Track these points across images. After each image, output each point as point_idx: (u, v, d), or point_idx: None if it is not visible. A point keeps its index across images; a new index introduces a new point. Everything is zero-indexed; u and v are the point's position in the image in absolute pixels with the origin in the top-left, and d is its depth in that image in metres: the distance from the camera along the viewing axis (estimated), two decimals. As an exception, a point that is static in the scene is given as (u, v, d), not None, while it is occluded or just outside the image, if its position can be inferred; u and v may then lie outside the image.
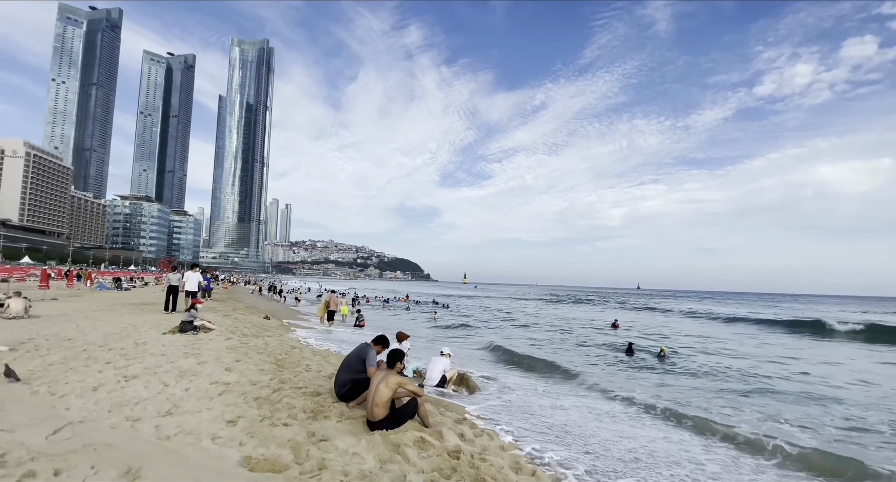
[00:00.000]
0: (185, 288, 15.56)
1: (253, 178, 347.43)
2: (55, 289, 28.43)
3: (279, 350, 9.31)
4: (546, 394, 9.20)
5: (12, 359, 6.82)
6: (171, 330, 10.45)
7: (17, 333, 9.50)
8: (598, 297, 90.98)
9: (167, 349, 8.15)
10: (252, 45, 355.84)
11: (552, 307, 52.68)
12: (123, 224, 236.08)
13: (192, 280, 15.72)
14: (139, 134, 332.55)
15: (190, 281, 15.63)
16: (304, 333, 14.97)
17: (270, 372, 6.89)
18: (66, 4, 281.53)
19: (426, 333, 20.56)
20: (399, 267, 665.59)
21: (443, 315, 32.16)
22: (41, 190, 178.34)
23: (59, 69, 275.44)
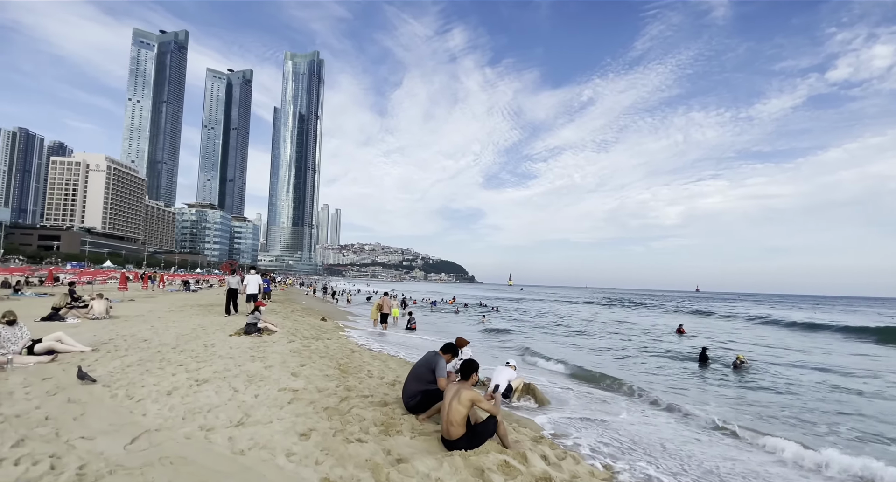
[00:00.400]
0: (245, 291, 15.70)
1: (305, 184, 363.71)
2: (132, 290, 30.75)
3: (340, 354, 9.18)
4: (618, 407, 8.42)
5: (94, 359, 7.10)
6: (236, 332, 10.69)
7: (99, 334, 10.05)
8: (655, 301, 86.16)
9: (234, 352, 8.23)
10: (304, 57, 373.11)
11: (607, 311, 50.30)
12: (190, 230, 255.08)
13: (252, 283, 15.75)
14: (203, 146, 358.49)
15: (250, 284, 15.70)
16: (358, 335, 14.99)
17: (335, 378, 6.69)
18: (140, 29, 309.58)
19: (476, 337, 20.08)
20: (443, 269, 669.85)
21: (492, 318, 31.50)
22: (120, 200, 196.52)
23: (134, 89, 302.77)
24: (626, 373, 13.08)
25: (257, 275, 16.47)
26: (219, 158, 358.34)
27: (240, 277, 16.32)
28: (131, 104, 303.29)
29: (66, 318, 12.77)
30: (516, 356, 13.65)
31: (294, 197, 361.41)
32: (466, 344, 9.33)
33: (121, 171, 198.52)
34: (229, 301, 15.73)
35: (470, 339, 9.58)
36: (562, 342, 19.67)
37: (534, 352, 15.01)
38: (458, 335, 10.60)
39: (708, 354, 15.53)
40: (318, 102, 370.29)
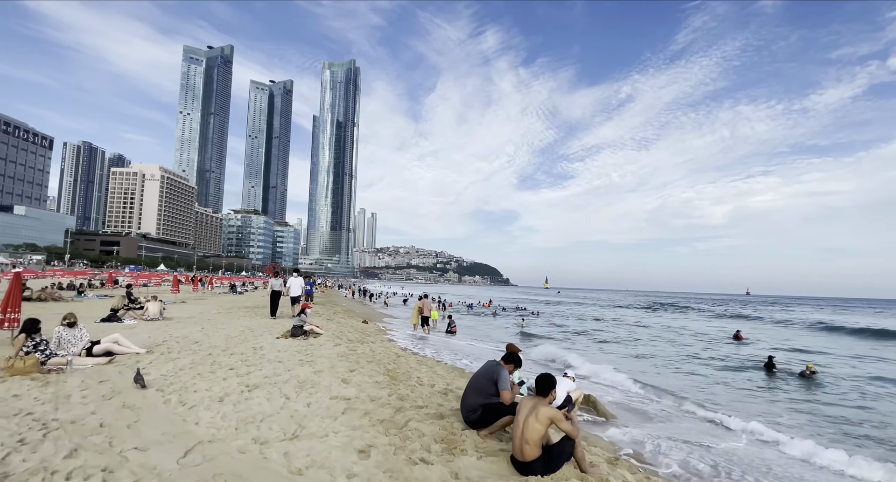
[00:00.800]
0: (288, 293, 15.44)
1: (343, 190, 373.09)
2: (184, 292, 32.11)
3: (386, 358, 8.88)
4: (689, 421, 7.61)
5: (148, 362, 7.11)
6: (283, 334, 10.64)
7: (154, 335, 10.27)
8: (703, 305, 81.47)
9: (282, 355, 8.09)
10: (340, 66, 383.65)
11: (653, 315, 47.95)
12: (236, 235, 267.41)
13: (295, 286, 15.50)
14: (248, 154, 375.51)
15: (293, 287, 15.44)
16: (400, 338, 14.73)
17: (386, 385, 6.35)
18: (189, 46, 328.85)
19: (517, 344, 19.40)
20: (478, 271, 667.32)
21: (532, 323, 30.59)
22: (173, 207, 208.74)
23: (184, 103, 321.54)
24: (687, 382, 12.08)
25: (299, 277, 16.20)
26: (262, 166, 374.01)
27: (283, 280, 16.19)
28: (182, 117, 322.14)
29: (124, 320, 13.25)
30: (562, 365, 12.93)
31: (332, 202, 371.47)
32: (519, 351, 8.79)
33: (173, 179, 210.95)
34: (274, 303, 15.73)
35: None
36: (611, 350, 18.65)
37: (582, 361, 14.21)
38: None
39: (775, 362, 14.25)
40: (354, 109, 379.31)
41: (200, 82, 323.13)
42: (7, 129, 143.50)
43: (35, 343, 6.58)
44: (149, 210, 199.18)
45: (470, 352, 13.97)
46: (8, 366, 5.96)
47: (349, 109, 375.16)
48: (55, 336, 7.40)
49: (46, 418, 4.23)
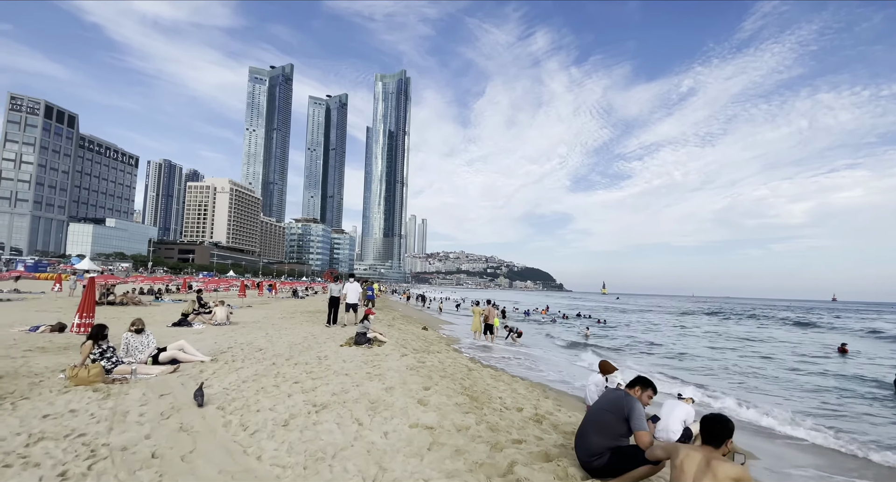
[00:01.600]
0: (345, 300, 14.54)
1: (395, 197, 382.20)
2: (250, 297, 33.36)
3: (458, 372, 7.94)
4: (841, 455, 5.90)
5: (212, 372, 6.66)
6: (346, 341, 10.05)
7: (220, 341, 10.06)
8: (786, 312, 73.16)
9: (348, 366, 7.39)
10: (392, 77, 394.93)
11: (731, 324, 43.36)
12: (297, 242, 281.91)
13: (353, 291, 14.59)
14: (307, 166, 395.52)
15: (350, 293, 14.56)
16: (466, 347, 13.79)
17: (469, 408, 5.38)
18: (254, 67, 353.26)
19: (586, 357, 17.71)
20: (529, 276, 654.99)
21: (596, 332, 28.42)
22: (241, 217, 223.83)
23: (250, 120, 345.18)
24: (805, 403, 10.04)
25: (356, 282, 15.21)
26: (320, 177, 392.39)
27: (341, 285, 15.27)
28: (248, 133, 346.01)
29: (193, 324, 13.43)
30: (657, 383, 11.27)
31: (385, 209, 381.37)
32: (615, 370, 7.48)
33: (240, 192, 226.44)
34: (331, 311, 14.67)
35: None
36: (698, 363, 16.48)
37: (671, 379, 12.44)
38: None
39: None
40: (405, 118, 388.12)
41: (264, 100, 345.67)
42: (100, 150, 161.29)
43: (102, 350, 6.32)
44: (220, 220, 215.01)
45: (541, 363, 12.71)
46: (73, 375, 5.68)
47: (400, 119, 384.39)
48: (123, 342, 7.20)
49: (97, 443, 3.67)
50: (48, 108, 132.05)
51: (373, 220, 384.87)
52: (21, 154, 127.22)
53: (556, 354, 15.83)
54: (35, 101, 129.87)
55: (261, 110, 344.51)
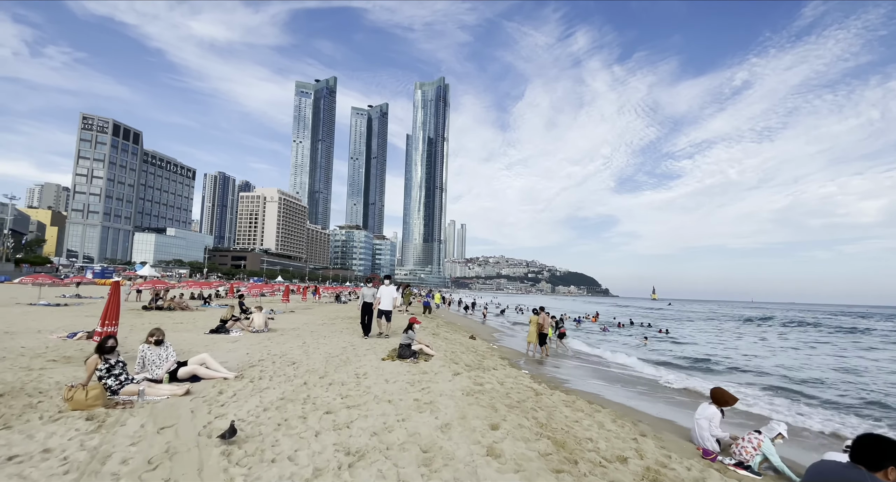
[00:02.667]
0: (378, 306, 12.23)
1: (434, 203, 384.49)
2: (294, 302, 33.33)
3: (525, 398, 6.47)
4: None
5: (232, 394, 5.58)
6: (388, 354, 8.83)
7: (253, 351, 9.16)
8: (863, 319, 64.99)
9: (391, 389, 6.12)
10: (431, 85, 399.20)
11: (813, 334, 38.59)
12: (341, 248, 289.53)
13: (387, 296, 12.20)
14: (350, 175, 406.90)
15: (384, 297, 12.16)
16: (522, 361, 12.24)
17: (559, 462, 3.91)
18: (300, 81, 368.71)
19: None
20: (572, 281, 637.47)
21: (656, 341, 25.76)
22: (288, 225, 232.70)
23: (297, 132, 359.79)
24: None
25: (391, 285, 12.67)
26: (362, 185, 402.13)
27: (375, 289, 12.91)
28: (295, 145, 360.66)
29: (231, 331, 12.79)
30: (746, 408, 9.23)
31: (424, 215, 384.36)
32: (735, 401, 5.74)
33: (288, 200, 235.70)
34: (365, 318, 12.29)
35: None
36: (797, 381, 13.92)
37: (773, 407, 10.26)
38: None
39: None
40: (444, 125, 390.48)
41: (310, 113, 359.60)
42: (161, 164, 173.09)
43: (109, 365, 5.42)
44: (269, 228, 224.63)
45: (610, 381, 10.92)
46: (69, 397, 4.76)
47: (439, 125, 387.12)
48: (139, 355, 6.34)
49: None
50: (115, 127, 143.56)
51: (413, 225, 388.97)
52: (92, 170, 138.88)
53: (620, 369, 13.90)
54: (104, 121, 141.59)
55: (306, 122, 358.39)
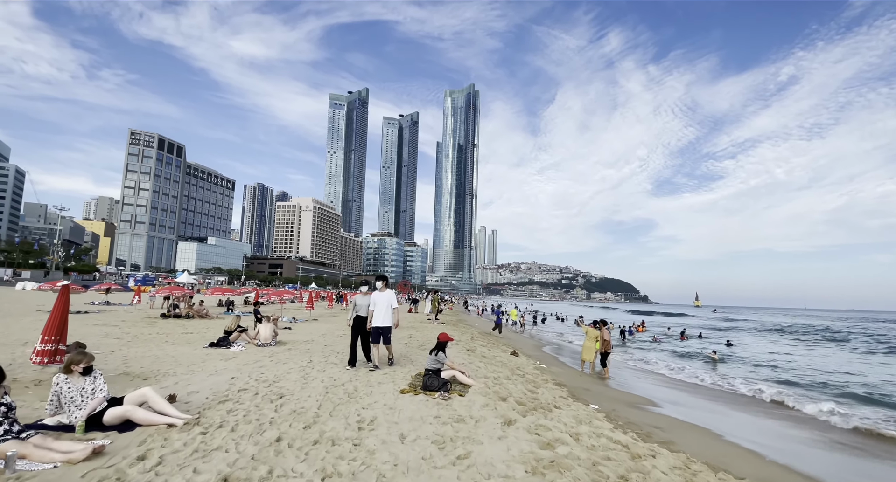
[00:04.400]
0: (371, 321, 8.09)
1: (464, 209, 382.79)
2: (319, 309, 31.88)
3: (618, 465, 4.09)
4: None
5: (158, 460, 3.52)
6: (410, 384, 6.63)
7: (242, 373, 7.22)
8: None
9: (409, 457, 3.88)
10: (460, 92, 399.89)
11: (886, 344, 33.20)
12: (373, 255, 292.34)
13: (382, 307, 8.09)
14: (382, 184, 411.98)
15: (378, 307, 8.07)
16: (586, 390, 9.74)
17: None
18: (334, 93, 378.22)
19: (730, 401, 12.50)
20: (609, 287, 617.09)
21: (727, 356, 22.24)
22: (323, 233, 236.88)
23: (331, 143, 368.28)
24: None
25: (388, 290, 8.32)
26: (394, 193, 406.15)
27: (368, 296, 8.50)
28: (329, 156, 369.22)
29: (235, 344, 11.03)
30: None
31: (455, 221, 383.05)
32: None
33: (323, 209, 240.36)
34: (356, 339, 8.47)
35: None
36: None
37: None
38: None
39: None
40: (474, 131, 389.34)
41: (343, 124, 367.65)
42: (203, 176, 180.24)
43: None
44: (304, 236, 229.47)
45: (722, 418, 8.24)
46: None
47: (469, 132, 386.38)
48: (52, 390, 4.43)
49: None
50: (161, 141, 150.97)
51: (443, 232, 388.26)
52: (139, 182, 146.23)
53: (703, 396, 11.08)
54: (150, 136, 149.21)
55: (340, 133, 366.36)
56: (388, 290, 8.24)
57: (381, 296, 8.11)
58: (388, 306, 8.09)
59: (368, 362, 8.34)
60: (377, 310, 8.00)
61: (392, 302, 8.14)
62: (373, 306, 8.04)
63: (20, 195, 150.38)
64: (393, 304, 8.14)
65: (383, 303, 8.04)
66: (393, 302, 8.15)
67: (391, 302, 8.13)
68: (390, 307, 8.11)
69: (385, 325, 8.04)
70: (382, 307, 8.03)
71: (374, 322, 8.01)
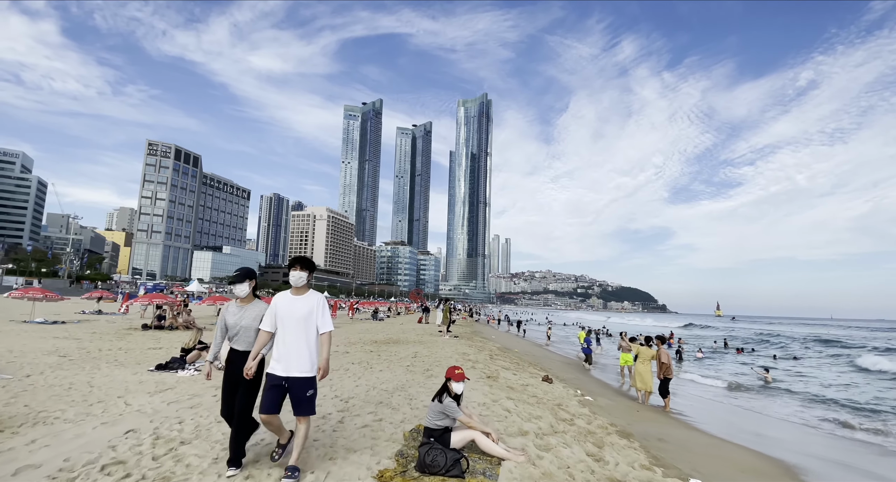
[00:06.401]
0: (270, 362, 3.60)
1: (478, 218, 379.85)
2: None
3: None
4: None
5: None
6: (395, 460, 4.00)
7: (149, 424, 4.71)
8: None
9: None
10: (474, 102, 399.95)
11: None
12: (387, 264, 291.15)
13: (290, 325, 3.57)
14: (395, 193, 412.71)
15: (283, 329, 3.58)
16: (667, 447, 7.02)
17: None
18: (348, 105, 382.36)
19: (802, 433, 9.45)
20: (625, 296, 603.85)
21: (781, 374, 18.96)
22: (336, 242, 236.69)
23: (345, 154, 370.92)
24: None
25: (311, 292, 3.75)
26: (407, 202, 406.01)
27: (309, 296, 3.75)
28: (344, 166, 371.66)
29: (189, 365, 8.62)
30: None
31: (468, 230, 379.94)
32: None
33: (336, 218, 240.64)
34: (230, 406, 3.67)
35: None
36: None
37: None
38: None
39: None
40: (487, 140, 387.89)
41: (357, 135, 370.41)
42: (218, 186, 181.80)
43: None
44: (318, 245, 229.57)
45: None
46: None
47: (482, 141, 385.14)
48: None
49: None
50: (177, 151, 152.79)
51: (456, 241, 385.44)
52: (156, 192, 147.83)
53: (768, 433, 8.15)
54: (167, 146, 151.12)
55: (354, 144, 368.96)
56: (313, 293, 3.74)
57: (291, 302, 3.62)
58: (305, 326, 3.56)
59: (238, 465, 3.62)
60: (279, 335, 3.57)
61: (317, 314, 3.62)
62: (267, 325, 3.58)
63: (42, 206, 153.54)
64: (321, 323, 3.64)
65: (293, 317, 3.55)
66: (319, 316, 3.63)
67: (315, 314, 3.62)
68: (310, 328, 3.59)
69: (295, 376, 3.47)
70: (290, 328, 3.54)
71: (270, 364, 3.57)
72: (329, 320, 3.73)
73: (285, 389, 3.50)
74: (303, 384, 3.50)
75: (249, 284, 3.90)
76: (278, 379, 3.49)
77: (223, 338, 3.87)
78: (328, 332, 3.70)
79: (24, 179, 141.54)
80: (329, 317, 3.74)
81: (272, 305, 3.70)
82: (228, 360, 3.81)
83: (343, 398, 6.26)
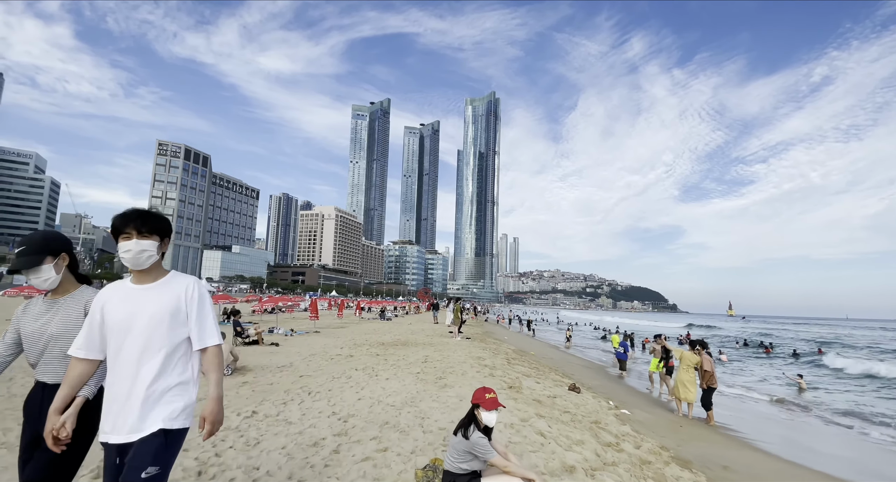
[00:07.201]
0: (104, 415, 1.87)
1: (486, 217, 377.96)
2: (326, 319, 28.62)
3: None
4: None
5: None
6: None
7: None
8: None
9: None
10: (481, 100, 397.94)
11: None
12: (395, 263, 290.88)
13: (153, 364, 1.89)
14: (403, 192, 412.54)
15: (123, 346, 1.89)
16: (733, 475, 5.94)
17: None
18: (356, 104, 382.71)
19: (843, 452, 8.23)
20: (635, 296, 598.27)
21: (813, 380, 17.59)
22: (345, 241, 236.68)
23: (354, 154, 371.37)
24: None
25: (183, 277, 2.12)
26: (415, 201, 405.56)
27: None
28: (352, 165, 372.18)
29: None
30: None
31: (476, 229, 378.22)
32: None
33: (345, 218, 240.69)
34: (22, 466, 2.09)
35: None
36: None
37: None
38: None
39: None
40: (495, 139, 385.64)
41: (365, 134, 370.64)
42: (228, 185, 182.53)
43: None
44: (327, 245, 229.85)
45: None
46: None
47: (490, 140, 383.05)
48: None
49: None
50: (187, 151, 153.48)
51: (464, 240, 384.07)
52: (166, 192, 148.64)
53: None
54: (177, 146, 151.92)
55: (362, 144, 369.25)
56: (177, 276, 2.10)
57: (130, 299, 1.95)
58: (159, 339, 1.90)
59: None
60: (110, 363, 1.92)
61: (188, 316, 2.00)
62: (81, 346, 1.95)
63: (55, 206, 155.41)
64: (199, 331, 2.00)
65: (136, 326, 1.89)
66: (193, 318, 2.00)
67: (183, 316, 1.99)
68: (171, 342, 1.93)
69: (133, 441, 1.82)
70: (130, 347, 1.88)
71: (101, 423, 1.89)
72: (214, 326, 2.05)
73: (118, 456, 1.84)
74: (142, 453, 1.77)
75: (53, 263, 2.12)
76: (111, 452, 1.84)
77: (13, 357, 2.17)
78: (215, 348, 2.03)
79: (38, 180, 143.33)
80: (214, 320, 2.06)
81: (92, 310, 1.96)
82: (29, 399, 2.15)
83: (342, 416, 5.24)
